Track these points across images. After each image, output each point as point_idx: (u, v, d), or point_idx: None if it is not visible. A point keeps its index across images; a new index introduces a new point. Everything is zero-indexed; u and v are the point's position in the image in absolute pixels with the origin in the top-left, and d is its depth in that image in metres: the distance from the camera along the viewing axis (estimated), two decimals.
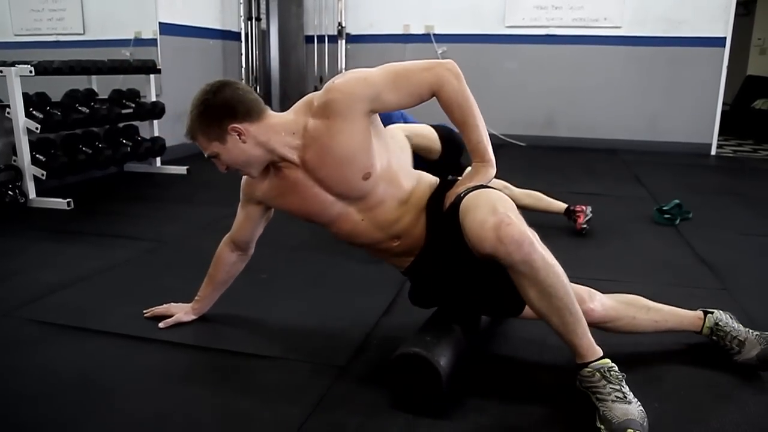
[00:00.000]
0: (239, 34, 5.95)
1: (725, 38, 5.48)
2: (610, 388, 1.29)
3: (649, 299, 1.67)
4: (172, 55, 4.87)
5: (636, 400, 1.29)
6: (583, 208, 2.88)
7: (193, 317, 1.83)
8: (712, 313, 1.64)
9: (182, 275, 2.10)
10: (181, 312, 1.83)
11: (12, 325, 1.86)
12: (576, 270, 2.38)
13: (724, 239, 2.86)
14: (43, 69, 3.40)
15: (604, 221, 2.90)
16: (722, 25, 5.47)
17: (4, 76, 3.25)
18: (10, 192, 3.26)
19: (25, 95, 3.38)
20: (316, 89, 6.94)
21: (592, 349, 1.35)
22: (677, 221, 3.09)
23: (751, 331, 1.58)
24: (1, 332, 1.82)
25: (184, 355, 1.67)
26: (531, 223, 1.31)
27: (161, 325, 1.81)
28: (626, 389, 1.30)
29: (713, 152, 5.75)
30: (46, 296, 2.08)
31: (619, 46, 5.72)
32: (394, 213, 1.53)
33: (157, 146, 4.36)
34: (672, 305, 1.67)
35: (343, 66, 6.27)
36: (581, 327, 1.34)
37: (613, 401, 1.28)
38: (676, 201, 3.16)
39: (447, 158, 2.88)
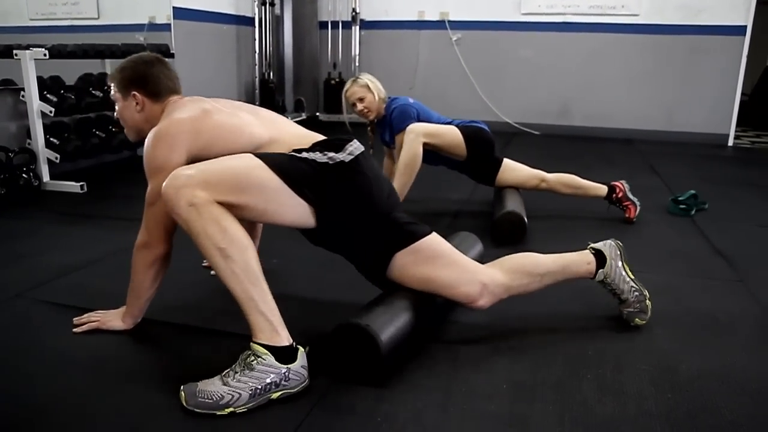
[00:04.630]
0: (253, 19, 5.94)
1: (746, 27, 5.38)
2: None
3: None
4: (186, 40, 4.87)
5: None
6: (622, 188, 2.87)
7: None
8: (603, 262, 1.69)
9: (193, 257, 2.11)
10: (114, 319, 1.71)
11: (25, 306, 1.88)
12: None
13: (740, 231, 2.82)
14: (57, 52, 3.41)
15: (618, 211, 2.88)
16: (743, 13, 5.37)
17: (19, 59, 3.26)
18: (24, 175, 3.28)
19: (40, 79, 3.39)
20: (329, 76, 6.87)
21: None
22: (693, 212, 3.05)
23: (635, 289, 1.69)
24: (14, 313, 1.84)
25: (195, 338, 1.68)
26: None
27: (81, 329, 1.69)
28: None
29: (730, 143, 5.67)
30: (58, 278, 2.10)
31: (637, 34, 5.64)
32: None
33: None
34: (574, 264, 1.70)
35: (357, 52, 6.25)
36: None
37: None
38: (692, 192, 3.12)
39: (476, 157, 2.85)
